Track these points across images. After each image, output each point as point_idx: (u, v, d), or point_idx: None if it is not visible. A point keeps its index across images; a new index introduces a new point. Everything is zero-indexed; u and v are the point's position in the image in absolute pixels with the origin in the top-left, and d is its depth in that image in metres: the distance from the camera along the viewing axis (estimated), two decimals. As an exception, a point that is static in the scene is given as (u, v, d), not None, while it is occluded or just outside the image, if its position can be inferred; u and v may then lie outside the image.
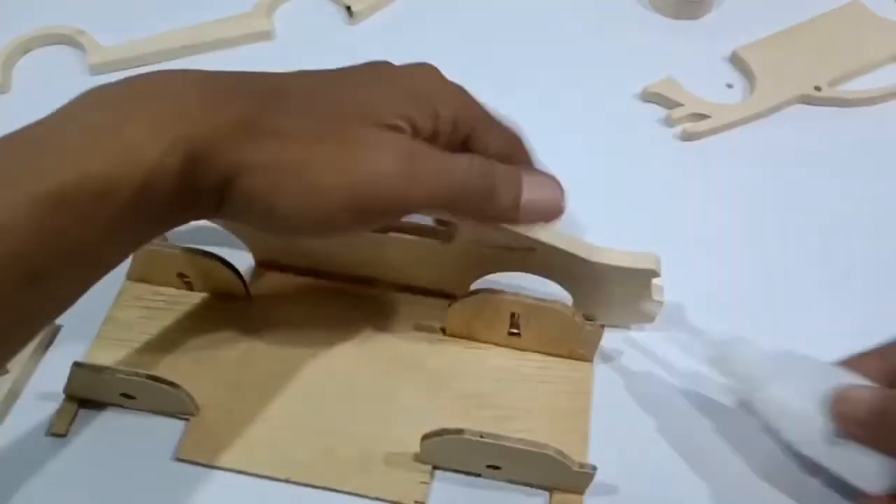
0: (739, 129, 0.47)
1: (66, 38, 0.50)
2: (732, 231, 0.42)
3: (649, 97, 0.48)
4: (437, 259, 0.36)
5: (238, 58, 0.51)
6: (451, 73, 0.50)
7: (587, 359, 0.36)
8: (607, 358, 0.37)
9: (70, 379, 0.33)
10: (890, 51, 0.50)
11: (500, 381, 0.36)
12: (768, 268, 0.41)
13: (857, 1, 0.53)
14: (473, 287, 0.37)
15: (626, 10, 0.54)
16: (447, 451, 0.32)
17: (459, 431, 0.30)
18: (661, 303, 0.35)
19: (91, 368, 0.33)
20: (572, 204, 0.43)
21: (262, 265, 0.39)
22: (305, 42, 0.51)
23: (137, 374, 0.32)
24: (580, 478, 0.31)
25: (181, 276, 0.37)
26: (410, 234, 0.35)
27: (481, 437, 0.30)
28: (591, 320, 0.35)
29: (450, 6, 0.54)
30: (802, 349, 0.37)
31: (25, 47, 0.50)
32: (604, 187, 0.44)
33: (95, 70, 0.49)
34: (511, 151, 0.33)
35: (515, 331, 0.36)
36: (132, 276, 0.38)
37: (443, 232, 0.35)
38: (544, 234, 0.33)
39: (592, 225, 0.42)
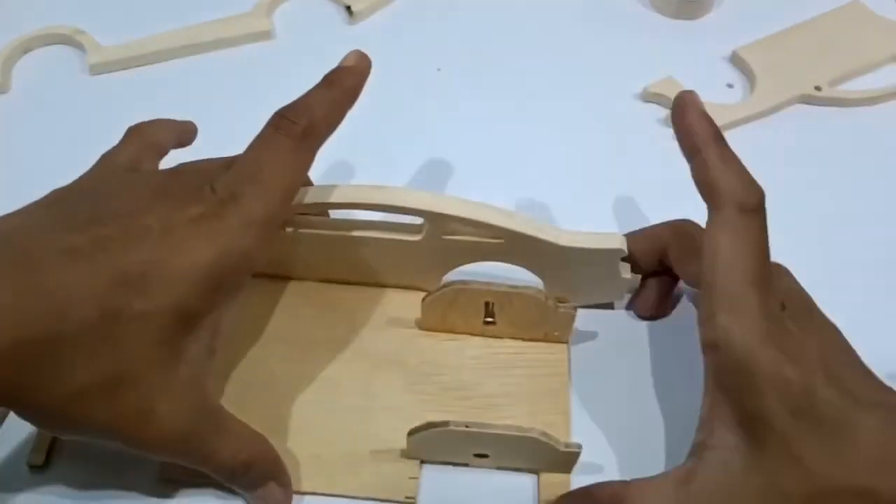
0: (739, 129, 0.47)
1: (66, 38, 0.50)
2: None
3: (649, 97, 0.48)
4: (408, 255, 0.36)
5: (238, 58, 0.51)
6: (451, 73, 0.50)
7: (562, 340, 0.37)
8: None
9: None
10: (890, 51, 0.50)
11: (479, 371, 0.36)
12: (768, 268, 0.41)
13: (857, 1, 0.53)
14: (445, 280, 0.37)
15: (626, 10, 0.54)
16: (434, 445, 0.32)
17: (445, 424, 0.30)
18: (628, 280, 0.36)
19: None
20: (572, 204, 0.43)
21: None
22: (305, 42, 0.51)
23: None
24: (567, 457, 0.32)
25: None
26: (380, 232, 0.35)
27: (467, 427, 0.30)
28: (563, 303, 0.35)
29: (450, 6, 0.54)
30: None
31: (25, 47, 0.50)
32: (604, 187, 0.44)
33: (95, 70, 0.49)
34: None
35: (490, 319, 0.36)
36: None
37: (412, 227, 0.35)
38: (512, 222, 0.33)
39: (592, 224, 0.42)
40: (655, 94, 0.48)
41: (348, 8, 0.52)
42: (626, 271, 0.36)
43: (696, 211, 0.43)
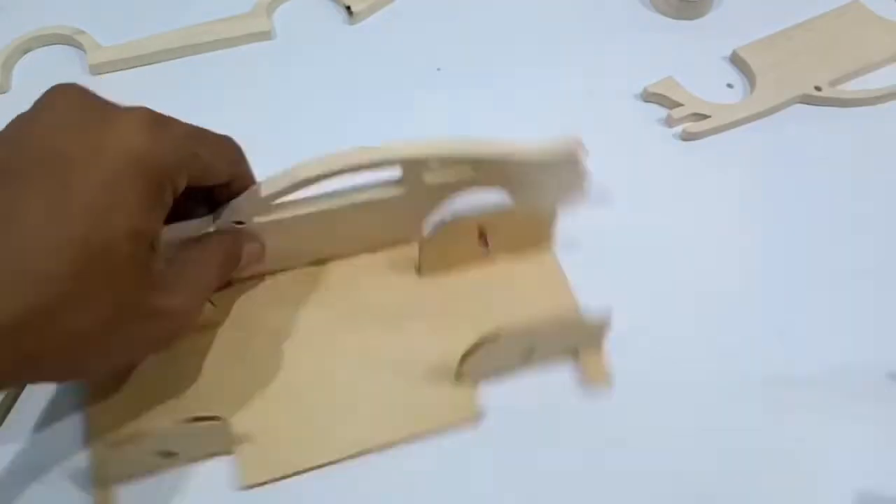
0: (739, 129, 0.47)
1: (66, 38, 0.50)
2: (732, 231, 0.42)
3: (649, 97, 0.48)
4: (389, 213, 0.36)
5: (238, 58, 0.50)
6: (451, 73, 0.50)
7: (550, 246, 0.39)
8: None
9: (96, 464, 0.31)
10: (890, 51, 0.50)
11: (485, 297, 0.37)
12: (768, 267, 0.41)
13: (858, 1, 0.53)
14: (427, 225, 0.38)
15: (626, 10, 0.54)
16: (486, 361, 0.33)
17: (496, 336, 0.32)
18: (588, 174, 0.37)
19: (121, 440, 0.31)
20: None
21: None
22: (305, 42, 0.51)
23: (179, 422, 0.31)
24: (600, 329, 0.34)
25: None
26: (357, 195, 0.35)
27: (516, 332, 0.32)
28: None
29: (450, 6, 0.54)
30: (800, 349, 0.38)
31: (25, 47, 0.50)
32: (603, 187, 0.44)
33: (95, 70, 0.49)
34: None
35: (485, 246, 0.38)
36: None
37: (387, 183, 0.35)
38: (489, 149, 0.34)
39: (592, 224, 0.42)
40: (655, 94, 0.48)
41: (348, 8, 0.52)
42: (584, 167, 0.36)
43: (695, 211, 0.43)
